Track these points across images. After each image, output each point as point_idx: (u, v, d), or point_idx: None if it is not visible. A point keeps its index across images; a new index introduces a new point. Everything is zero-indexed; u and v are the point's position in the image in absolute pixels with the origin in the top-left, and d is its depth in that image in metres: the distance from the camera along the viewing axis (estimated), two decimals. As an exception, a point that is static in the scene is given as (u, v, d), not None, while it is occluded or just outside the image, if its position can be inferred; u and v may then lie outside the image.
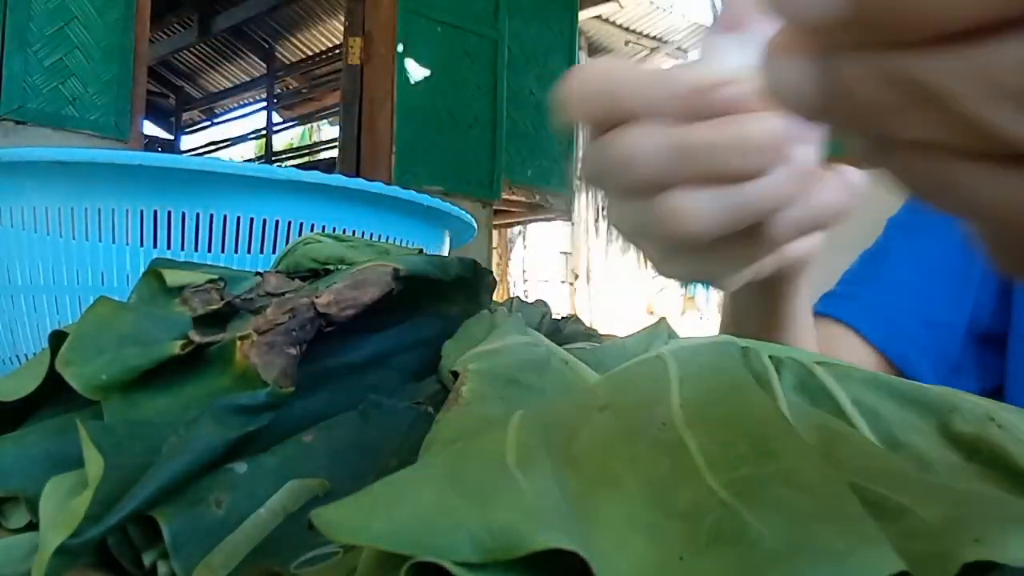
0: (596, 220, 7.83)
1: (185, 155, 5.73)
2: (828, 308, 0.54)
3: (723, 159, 0.23)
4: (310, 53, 6.50)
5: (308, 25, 6.16)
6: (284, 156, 7.62)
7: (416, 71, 3.35)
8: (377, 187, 0.56)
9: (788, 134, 0.23)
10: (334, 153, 4.79)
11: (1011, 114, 0.11)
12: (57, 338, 0.28)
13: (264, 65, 6.80)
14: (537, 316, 0.41)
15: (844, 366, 0.24)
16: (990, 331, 0.53)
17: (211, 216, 0.51)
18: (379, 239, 0.57)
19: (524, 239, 7.52)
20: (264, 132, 7.38)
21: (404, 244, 0.60)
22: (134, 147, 2.52)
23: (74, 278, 0.51)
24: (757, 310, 0.39)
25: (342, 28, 4.40)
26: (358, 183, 0.55)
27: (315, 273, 0.39)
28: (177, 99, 7.70)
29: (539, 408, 0.21)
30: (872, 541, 0.14)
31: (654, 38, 7.62)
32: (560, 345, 0.30)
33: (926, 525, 0.16)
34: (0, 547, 0.24)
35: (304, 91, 6.81)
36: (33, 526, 0.25)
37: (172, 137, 7.93)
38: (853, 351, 0.52)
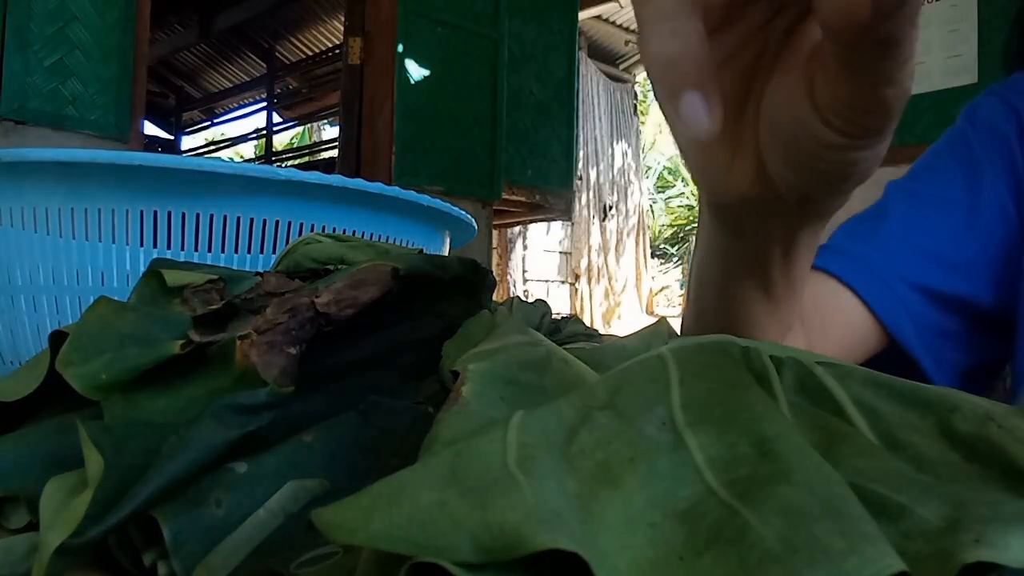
0: (603, 220, 7.83)
1: (185, 155, 5.73)
2: (822, 262, 0.54)
3: None
4: (310, 53, 6.50)
5: (308, 25, 6.16)
6: (284, 156, 7.62)
7: (416, 71, 3.35)
8: (377, 187, 0.56)
9: None
10: (334, 153, 4.80)
11: None
12: (57, 338, 0.28)
13: (264, 65, 6.81)
14: (537, 316, 0.41)
15: (844, 366, 0.23)
16: (992, 312, 0.54)
17: (211, 216, 0.51)
18: (379, 239, 0.57)
19: (524, 239, 7.52)
20: (264, 132, 7.38)
21: (404, 244, 0.60)
22: (134, 147, 2.52)
23: (74, 278, 0.51)
24: (757, 268, 0.36)
25: (342, 28, 4.40)
26: (358, 183, 0.55)
27: (315, 273, 0.39)
28: (177, 99, 7.70)
29: (539, 408, 0.21)
30: (872, 541, 0.14)
31: (654, 38, 7.60)
32: (560, 345, 0.30)
33: (926, 525, 0.16)
34: (0, 547, 0.24)
35: (304, 91, 6.81)
36: (33, 526, 0.25)
37: (172, 137, 7.93)
38: (843, 306, 0.52)
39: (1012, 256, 0.53)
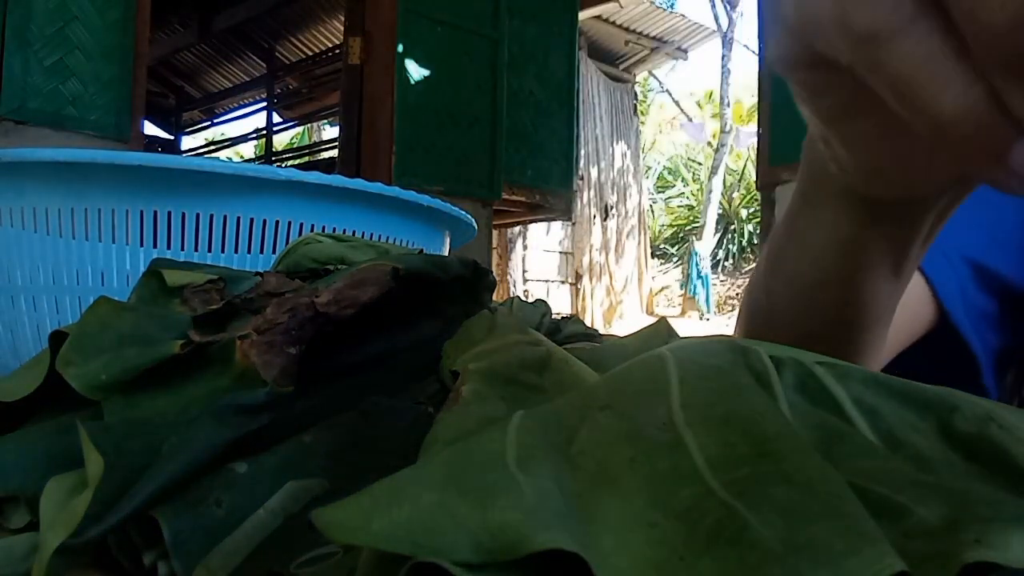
0: (603, 219, 7.83)
1: (185, 155, 5.73)
2: None
3: None
4: (310, 53, 6.51)
5: (308, 25, 6.17)
6: (284, 156, 7.63)
7: (416, 71, 3.35)
8: (377, 187, 0.56)
9: None
10: (334, 153, 4.80)
11: None
12: (57, 338, 0.28)
13: (264, 65, 6.81)
14: (537, 316, 0.41)
15: (844, 366, 0.23)
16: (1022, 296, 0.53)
17: (211, 216, 0.51)
18: (379, 239, 0.57)
19: (524, 239, 7.52)
20: (264, 132, 7.38)
21: (404, 244, 0.60)
22: (134, 147, 2.52)
23: (74, 278, 0.51)
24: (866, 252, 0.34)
25: (342, 28, 4.40)
26: (358, 183, 0.55)
27: (315, 273, 0.39)
28: (177, 99, 7.70)
29: (539, 408, 0.21)
30: (872, 541, 0.14)
31: (654, 38, 7.63)
32: (560, 345, 0.30)
33: (926, 525, 0.16)
34: (0, 547, 0.24)
35: (304, 91, 6.81)
36: (33, 526, 0.25)
37: (172, 137, 7.93)
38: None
39: None
